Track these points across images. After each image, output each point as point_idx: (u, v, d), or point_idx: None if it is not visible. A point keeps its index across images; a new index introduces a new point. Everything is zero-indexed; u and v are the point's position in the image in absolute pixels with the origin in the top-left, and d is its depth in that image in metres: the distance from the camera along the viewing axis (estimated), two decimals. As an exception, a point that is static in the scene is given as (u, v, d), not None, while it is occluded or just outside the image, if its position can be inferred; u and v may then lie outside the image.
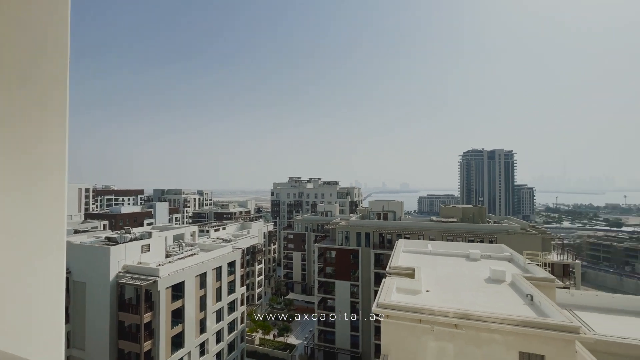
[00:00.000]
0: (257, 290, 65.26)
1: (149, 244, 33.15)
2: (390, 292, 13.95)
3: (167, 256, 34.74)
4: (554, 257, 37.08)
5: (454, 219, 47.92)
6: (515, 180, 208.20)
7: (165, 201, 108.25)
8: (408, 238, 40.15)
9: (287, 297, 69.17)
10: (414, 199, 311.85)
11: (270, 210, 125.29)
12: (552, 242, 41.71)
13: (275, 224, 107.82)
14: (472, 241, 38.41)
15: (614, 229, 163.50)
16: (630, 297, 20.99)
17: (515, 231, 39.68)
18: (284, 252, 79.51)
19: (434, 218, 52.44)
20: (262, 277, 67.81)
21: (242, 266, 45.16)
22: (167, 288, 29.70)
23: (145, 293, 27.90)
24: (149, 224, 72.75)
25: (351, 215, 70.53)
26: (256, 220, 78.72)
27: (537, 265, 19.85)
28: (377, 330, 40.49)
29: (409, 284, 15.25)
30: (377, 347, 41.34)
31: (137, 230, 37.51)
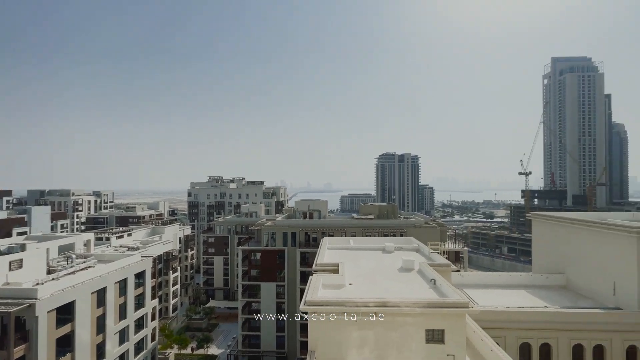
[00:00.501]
0: (173, 302, 58.89)
1: (21, 259, 26.43)
2: (317, 288, 14.33)
3: (49, 272, 28.23)
4: (449, 245, 44.13)
5: (372, 216, 52.42)
6: (419, 180, 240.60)
7: (45, 204, 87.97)
8: (332, 235, 42.09)
9: (207, 305, 64.37)
10: (337, 198, 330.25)
11: (187, 212, 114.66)
12: (448, 233, 49.56)
13: (192, 228, 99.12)
14: (387, 235, 42.64)
15: (488, 220, 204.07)
16: (500, 273, 26.48)
17: (420, 225, 45.70)
18: (204, 258, 73.79)
19: (355, 216, 56.41)
20: (177, 286, 61.45)
21: (153, 276, 40.11)
22: (49, 312, 24.14)
23: (15, 321, 22.09)
24: (20, 234, 57.79)
25: (277, 215, 70.11)
26: (170, 224, 70.80)
27: (438, 253, 23.28)
28: (303, 327, 41.26)
29: (334, 279, 15.95)
30: (303, 345, 42.12)
31: (2, 243, 29.46)
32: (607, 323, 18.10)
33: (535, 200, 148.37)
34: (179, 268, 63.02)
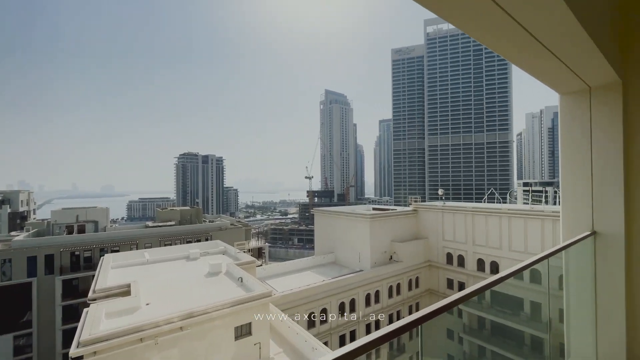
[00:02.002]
0: None
1: None
2: (98, 321, 11.14)
3: None
4: (253, 243, 47.36)
5: (173, 222, 47.02)
6: (224, 182, 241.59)
7: None
8: (118, 251, 33.92)
9: None
10: (123, 203, 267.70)
11: None
12: (252, 232, 52.98)
13: None
14: (191, 241, 39.73)
15: (284, 217, 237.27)
16: (293, 261, 31.54)
17: (226, 227, 46.05)
18: None
19: (150, 223, 48.34)
20: None
21: None
22: None
23: None
24: None
25: (15, 233, 47.39)
26: None
27: (244, 252, 24.46)
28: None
29: (124, 304, 13.01)
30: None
31: None
32: (357, 282, 26.04)
33: (316, 198, 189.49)
34: None
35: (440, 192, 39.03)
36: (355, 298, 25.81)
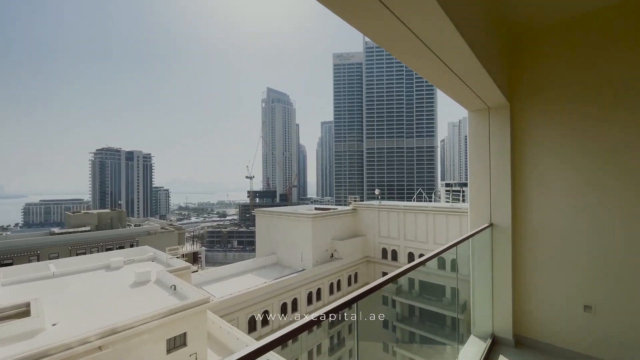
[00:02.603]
0: None
1: None
2: (-17, 352, 9.04)
3: None
4: (187, 248, 43.94)
5: (88, 227, 40.78)
6: (153, 182, 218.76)
7: None
8: (12, 264, 28.02)
9: None
10: (17, 206, 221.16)
11: None
12: (186, 236, 49.12)
13: None
14: (112, 249, 35.00)
15: (222, 218, 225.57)
16: (232, 264, 30.22)
17: (156, 231, 41.79)
18: None
19: (57, 230, 41.10)
20: None
21: None
22: None
23: None
24: None
25: None
26: None
27: (177, 257, 22.52)
28: None
29: (23, 326, 10.83)
30: None
31: None
32: (299, 281, 26.17)
33: (257, 199, 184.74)
34: None
35: (377, 191, 41.74)
36: (297, 297, 25.92)
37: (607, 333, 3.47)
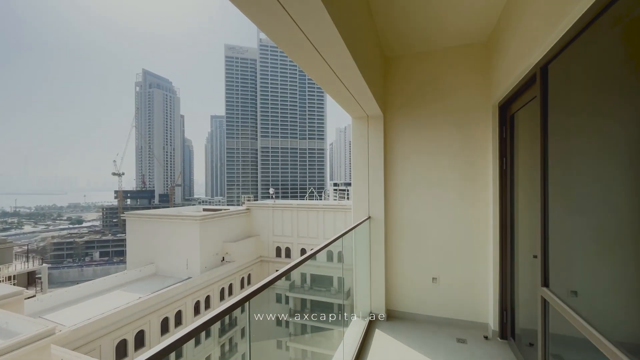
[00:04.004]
0: None
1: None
2: None
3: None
4: (17, 267, 32.76)
5: None
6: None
7: None
8: None
9: None
10: None
11: None
12: (15, 251, 36.60)
13: None
14: None
15: (76, 226, 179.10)
16: (92, 281, 24.50)
17: (-42, 248, 29.39)
18: None
19: None
20: None
21: None
22: None
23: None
24: None
25: None
26: None
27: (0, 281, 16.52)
28: None
29: None
30: None
31: None
32: (183, 291, 23.51)
33: (129, 200, 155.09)
34: None
35: (271, 191, 41.95)
36: (182, 309, 23.23)
37: (446, 297, 4.64)
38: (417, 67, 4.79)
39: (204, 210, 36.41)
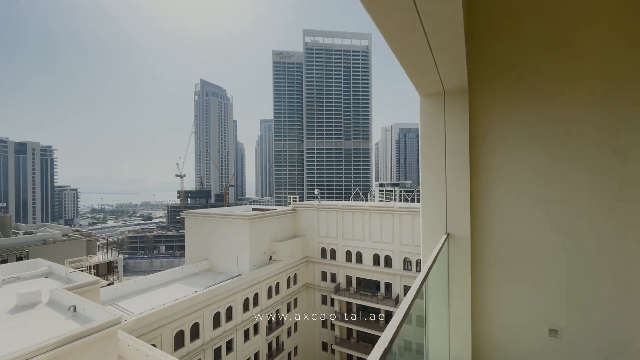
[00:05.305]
0: None
1: None
2: None
3: None
4: (99, 257, 37.63)
5: (-47, 239, 31.69)
6: (56, 180, 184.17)
7: None
8: None
9: None
10: None
11: None
12: (98, 243, 42.14)
13: None
14: (-11, 264, 27.73)
15: (147, 222, 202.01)
16: (157, 273, 26.82)
17: (55, 239, 34.75)
18: None
19: None
20: None
21: None
22: None
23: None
24: None
25: None
26: None
27: (82, 271, 18.83)
28: None
29: None
30: None
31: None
32: (234, 287, 24.47)
33: (189, 199, 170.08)
34: None
35: (316, 191, 41.98)
36: (232, 305, 24.20)
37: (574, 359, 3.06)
38: (529, 15, 3.10)
39: (254, 209, 37.79)
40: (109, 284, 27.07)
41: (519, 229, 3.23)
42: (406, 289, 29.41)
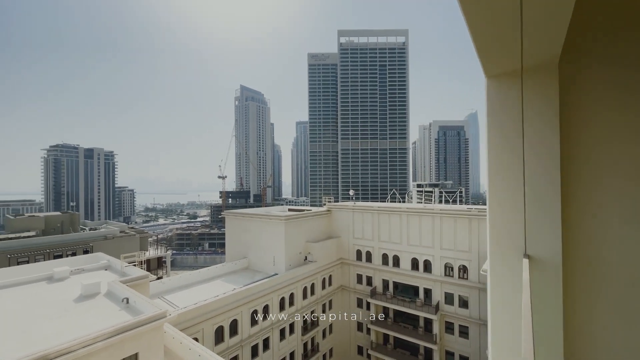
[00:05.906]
0: None
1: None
2: None
3: None
4: (150, 253, 40.95)
5: (33, 232, 36.66)
6: (116, 181, 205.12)
7: None
8: None
9: None
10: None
11: None
12: (149, 240, 45.86)
13: None
14: (61, 256, 31.58)
15: (192, 220, 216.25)
16: (200, 270, 28.34)
17: (114, 235, 38.51)
18: None
19: (-3, 236, 36.48)
20: None
21: None
22: None
23: None
24: None
25: None
26: None
27: (135, 265, 20.49)
28: None
29: None
30: None
31: None
32: (271, 287, 24.98)
33: (230, 199, 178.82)
34: None
35: (351, 192, 41.47)
36: (269, 304, 24.72)
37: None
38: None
39: (289, 210, 38.39)
40: (157, 278, 29.17)
41: (625, 252, 2.37)
42: (447, 295, 27.71)
